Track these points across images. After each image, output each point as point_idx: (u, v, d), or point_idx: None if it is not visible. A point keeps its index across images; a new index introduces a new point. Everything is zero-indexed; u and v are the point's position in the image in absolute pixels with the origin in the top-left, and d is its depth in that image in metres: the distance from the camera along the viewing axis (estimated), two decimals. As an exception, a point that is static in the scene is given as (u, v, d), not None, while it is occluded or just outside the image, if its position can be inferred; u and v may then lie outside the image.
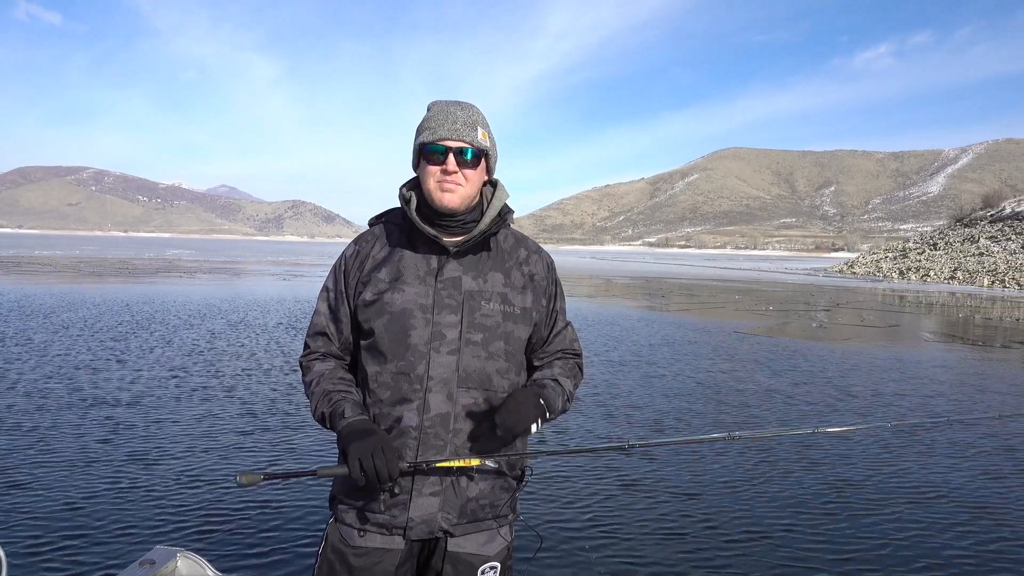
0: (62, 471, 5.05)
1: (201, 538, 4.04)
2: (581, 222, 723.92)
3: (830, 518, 4.67)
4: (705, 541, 4.27)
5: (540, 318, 1.93)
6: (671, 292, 30.75)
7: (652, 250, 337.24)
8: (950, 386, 9.56)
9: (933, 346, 14.27)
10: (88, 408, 6.87)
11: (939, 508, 4.89)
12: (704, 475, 5.48)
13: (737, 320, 18.56)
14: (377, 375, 1.80)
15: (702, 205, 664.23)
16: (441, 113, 1.79)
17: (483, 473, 1.82)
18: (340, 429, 1.73)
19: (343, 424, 1.73)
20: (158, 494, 4.68)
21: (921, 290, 38.50)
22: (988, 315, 22.74)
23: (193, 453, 5.60)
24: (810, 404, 8.19)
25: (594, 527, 4.43)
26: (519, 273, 1.90)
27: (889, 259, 62.95)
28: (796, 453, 6.08)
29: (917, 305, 27.22)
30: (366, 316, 1.82)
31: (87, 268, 34.49)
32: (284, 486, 4.87)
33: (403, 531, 1.77)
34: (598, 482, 5.24)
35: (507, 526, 1.91)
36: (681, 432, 6.73)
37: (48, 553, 3.80)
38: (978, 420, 7.38)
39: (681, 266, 75.16)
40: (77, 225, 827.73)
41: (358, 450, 1.64)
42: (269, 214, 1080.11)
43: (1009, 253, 51.53)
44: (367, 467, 1.61)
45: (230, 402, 7.40)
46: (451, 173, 1.77)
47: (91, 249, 71.37)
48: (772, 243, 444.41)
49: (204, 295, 20.79)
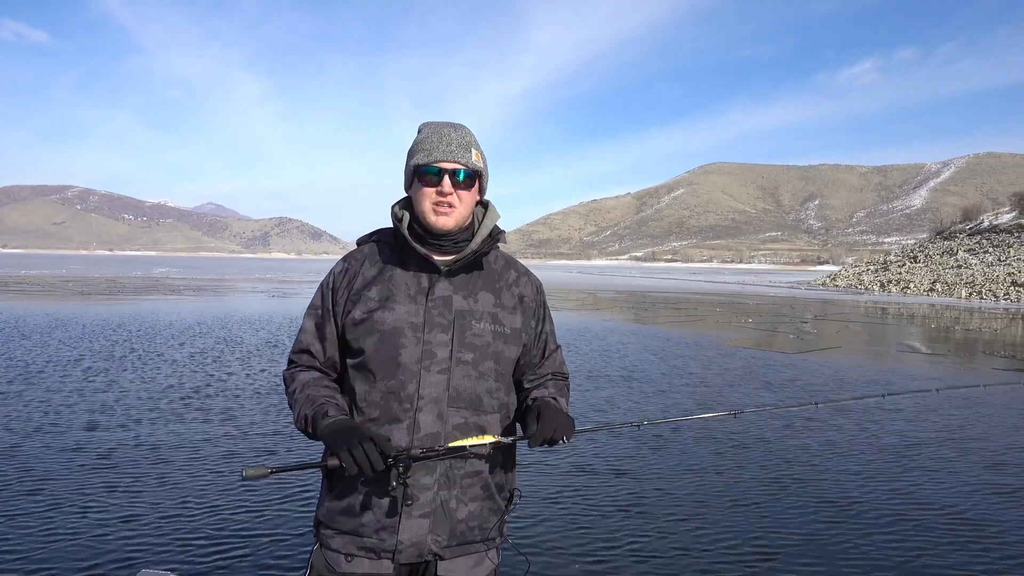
0: (42, 494, 4.96)
1: (187, 562, 3.99)
2: (568, 237, 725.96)
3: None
4: (700, 564, 4.20)
5: (529, 339, 1.95)
6: (655, 306, 31.19)
7: (639, 264, 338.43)
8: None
9: (908, 356, 14.78)
10: (69, 429, 6.79)
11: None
12: (699, 496, 5.37)
13: (717, 332, 19.03)
14: (366, 394, 1.78)
15: (688, 219, 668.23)
16: (435, 135, 1.80)
17: (473, 494, 1.81)
18: (323, 428, 1.71)
19: (326, 423, 1.71)
20: (141, 516, 4.62)
21: (901, 302, 39.17)
22: (966, 326, 23.34)
23: (179, 475, 5.54)
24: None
25: (582, 549, 4.36)
26: (509, 294, 1.91)
27: (871, 272, 63.86)
28: (808, 471, 6.44)
29: (898, 317, 27.83)
30: (355, 335, 1.80)
31: (76, 287, 34.57)
32: (270, 505, 4.86)
33: (392, 555, 1.74)
34: (586, 504, 5.15)
35: (495, 549, 1.89)
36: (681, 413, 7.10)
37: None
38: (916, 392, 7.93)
39: (667, 280, 75.67)
40: (62, 244, 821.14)
41: (345, 441, 1.61)
42: (256, 231, 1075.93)
43: (986, 265, 52.47)
44: (357, 455, 1.58)
45: (218, 422, 7.33)
46: (446, 194, 1.78)
47: (77, 268, 71.01)
48: (758, 257, 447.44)
49: (193, 312, 20.99)
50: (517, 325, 1.89)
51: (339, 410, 1.76)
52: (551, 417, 1.75)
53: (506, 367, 1.88)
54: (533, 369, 1.99)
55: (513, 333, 1.87)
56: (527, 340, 1.94)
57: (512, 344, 1.87)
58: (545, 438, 1.72)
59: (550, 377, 2.01)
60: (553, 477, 5.78)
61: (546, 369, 2.01)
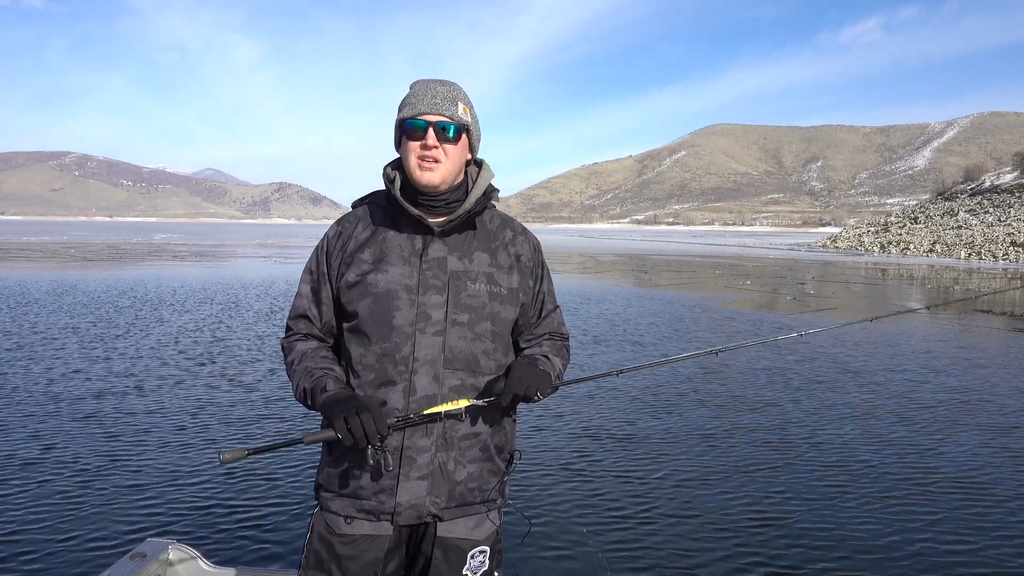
0: (46, 464, 4.97)
1: (191, 529, 4.01)
2: (569, 200, 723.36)
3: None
4: (703, 526, 4.22)
5: (527, 299, 1.92)
6: (655, 268, 31.41)
7: (640, 228, 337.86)
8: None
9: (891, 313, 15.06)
10: (74, 400, 6.72)
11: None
12: (701, 460, 5.37)
13: (714, 294, 19.25)
14: (361, 357, 1.77)
15: (690, 182, 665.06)
16: (422, 89, 1.78)
17: (471, 456, 1.81)
18: (322, 401, 1.71)
19: (325, 396, 1.71)
20: (146, 485, 4.62)
21: (900, 263, 39.36)
22: (966, 285, 23.53)
23: (181, 442, 5.54)
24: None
25: (584, 511, 4.38)
26: (505, 254, 1.88)
27: (871, 233, 63.88)
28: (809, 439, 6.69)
29: (898, 277, 28.01)
30: (349, 298, 1.79)
31: (79, 254, 34.78)
32: (275, 472, 4.86)
33: (391, 517, 1.75)
34: (588, 467, 5.18)
35: (496, 510, 1.89)
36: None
37: (35, 549, 3.74)
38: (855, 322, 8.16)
39: (668, 243, 75.78)
40: (61, 211, 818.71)
41: (342, 410, 1.61)
42: (256, 197, 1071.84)
43: (986, 226, 52.48)
44: (353, 425, 1.58)
45: (218, 389, 7.30)
46: (431, 148, 1.74)
47: (79, 235, 71.17)
48: (760, 219, 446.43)
49: (198, 278, 21.22)
50: (514, 285, 1.86)
51: (337, 383, 1.76)
52: (521, 373, 1.74)
53: (503, 328, 1.85)
54: (531, 329, 1.96)
55: (510, 293, 1.84)
56: (524, 300, 1.90)
57: (508, 304, 1.84)
58: (516, 393, 1.71)
59: (547, 337, 1.99)
60: (555, 439, 5.83)
61: (543, 329, 1.99)
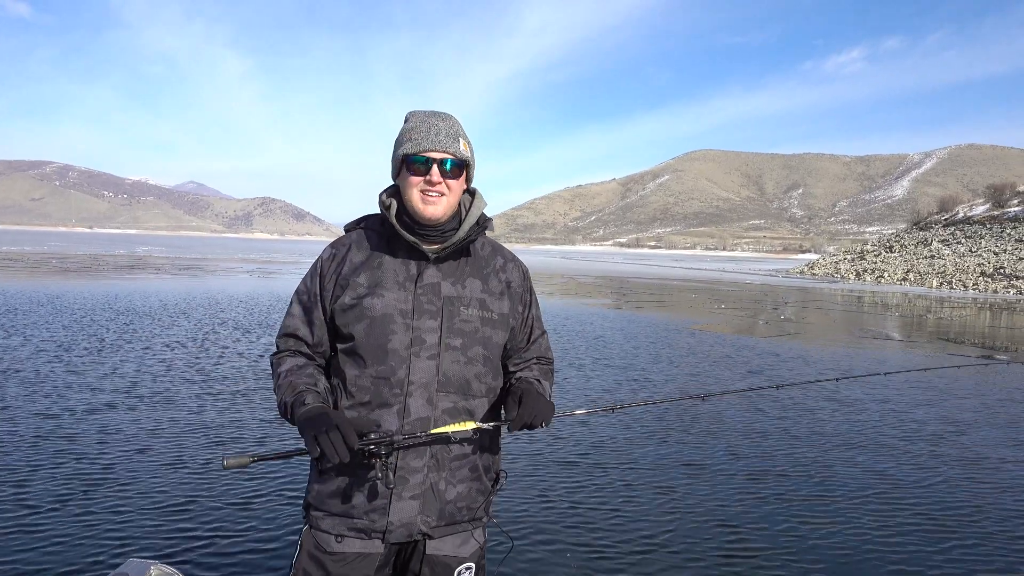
0: (25, 484, 4.81)
1: (173, 550, 3.94)
2: (553, 222, 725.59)
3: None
4: (681, 541, 4.29)
5: (516, 324, 2.00)
6: (633, 291, 31.86)
7: (622, 250, 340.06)
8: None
9: (865, 341, 15.55)
10: (51, 416, 6.52)
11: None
12: (681, 484, 5.42)
13: (689, 317, 19.73)
14: (356, 379, 1.81)
15: (673, 206, 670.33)
16: (423, 124, 1.82)
17: (461, 475, 1.87)
18: (298, 416, 1.74)
19: (302, 411, 1.74)
20: (127, 505, 4.52)
21: (874, 291, 40.15)
22: (937, 314, 24.17)
23: (163, 461, 5.41)
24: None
25: (565, 529, 4.45)
26: (496, 280, 1.94)
27: (847, 261, 65.07)
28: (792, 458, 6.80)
29: (873, 305, 28.66)
30: (345, 320, 1.83)
31: (60, 265, 34.61)
32: (257, 491, 4.85)
33: (382, 535, 1.80)
34: (570, 485, 5.26)
35: (481, 528, 1.96)
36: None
37: (15, 571, 3.62)
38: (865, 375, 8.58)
39: (648, 266, 76.46)
40: (40, 221, 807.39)
41: (312, 428, 1.65)
42: (238, 211, 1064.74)
43: (958, 256, 53.74)
44: (322, 443, 1.62)
45: (203, 407, 7.18)
46: (435, 184, 1.80)
47: (59, 245, 70.56)
48: (741, 244, 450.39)
49: (180, 292, 21.30)
50: (504, 310, 1.93)
51: (316, 397, 1.80)
52: (531, 403, 1.83)
53: (494, 352, 1.92)
54: (519, 353, 2.05)
55: (500, 318, 1.92)
56: (514, 325, 1.99)
57: (499, 329, 1.92)
58: (524, 423, 1.80)
59: (535, 361, 2.08)
60: (535, 459, 5.90)
61: (532, 353, 2.07)
